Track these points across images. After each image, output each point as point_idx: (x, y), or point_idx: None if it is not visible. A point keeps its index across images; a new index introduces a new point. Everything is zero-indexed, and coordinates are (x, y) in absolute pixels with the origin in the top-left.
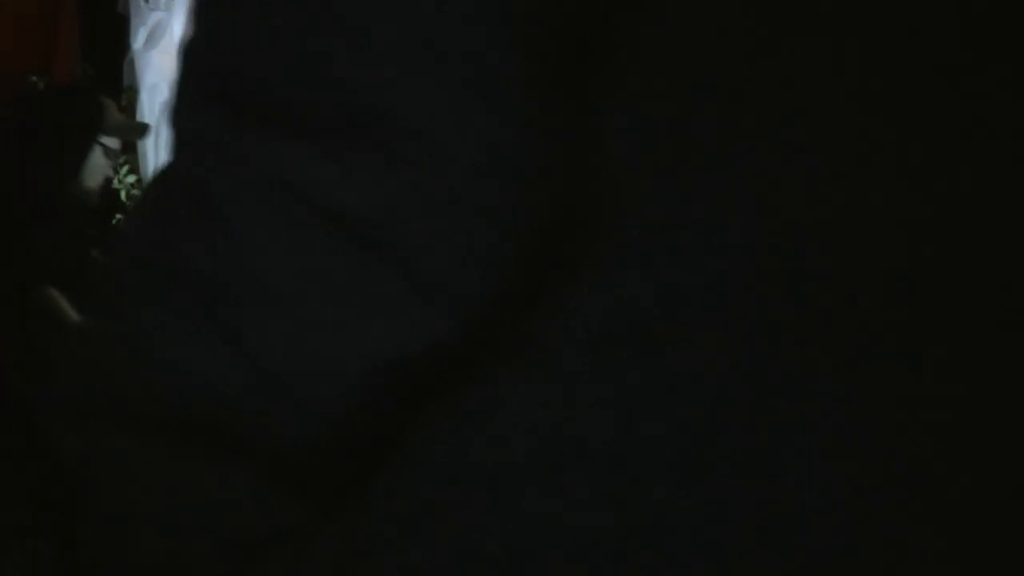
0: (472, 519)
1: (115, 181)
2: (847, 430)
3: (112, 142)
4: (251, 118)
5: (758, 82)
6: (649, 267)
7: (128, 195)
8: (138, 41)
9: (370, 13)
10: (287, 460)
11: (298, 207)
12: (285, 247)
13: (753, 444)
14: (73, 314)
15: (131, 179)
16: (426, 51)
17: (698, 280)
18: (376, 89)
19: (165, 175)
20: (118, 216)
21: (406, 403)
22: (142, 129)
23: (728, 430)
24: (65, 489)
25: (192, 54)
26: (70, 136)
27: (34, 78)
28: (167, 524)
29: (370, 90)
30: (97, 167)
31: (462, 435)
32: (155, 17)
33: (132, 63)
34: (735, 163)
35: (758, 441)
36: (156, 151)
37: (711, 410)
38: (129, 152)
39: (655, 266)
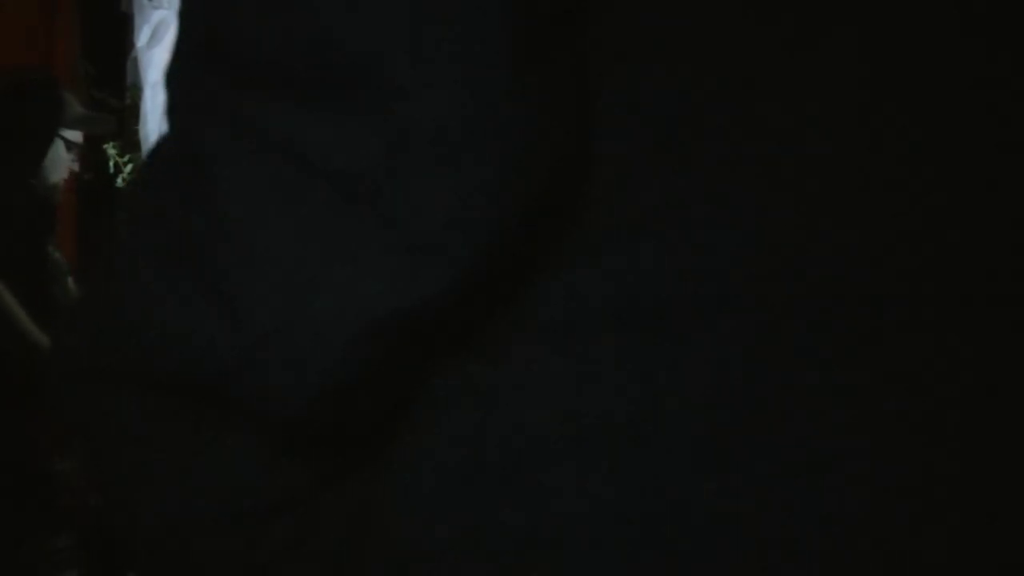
0: (493, 494)
1: (119, 180)
2: (866, 412)
3: (74, 135)
4: (240, 78)
5: (770, 63)
6: (665, 243)
7: None
8: (141, 39)
9: None
10: (286, 424)
11: (287, 165)
12: (275, 205)
13: (774, 425)
14: (21, 312)
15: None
16: (415, 7)
17: (715, 256)
18: (366, 46)
19: (161, 139)
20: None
21: (409, 364)
22: (105, 121)
23: (750, 411)
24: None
25: (185, 17)
26: (29, 132)
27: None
28: (169, 490)
29: (360, 48)
30: (59, 161)
31: (482, 411)
32: (158, 15)
33: (135, 61)
34: (749, 140)
35: (779, 422)
36: (166, 101)
37: (732, 391)
38: (133, 150)
39: (671, 242)
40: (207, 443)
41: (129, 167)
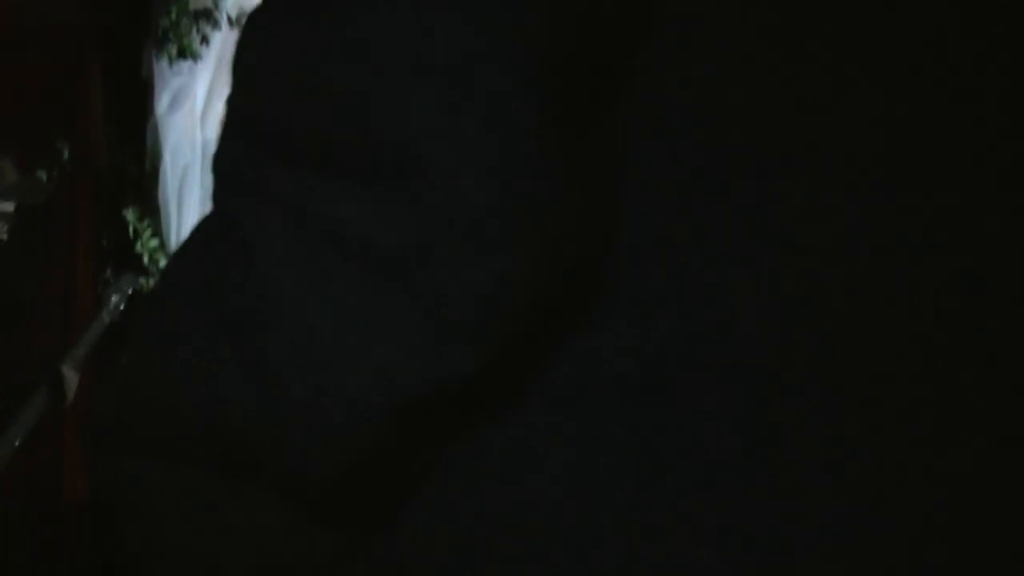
0: (499, 561)
1: (137, 245)
2: (868, 473)
3: (6, 206)
4: (281, 157)
5: (780, 135)
6: (677, 312)
7: (151, 259)
8: (161, 105)
9: (393, 56)
10: (313, 489)
11: (325, 245)
12: (310, 279)
13: (781, 491)
14: None
15: (154, 243)
16: (448, 91)
17: (727, 325)
18: (403, 133)
19: (206, 216)
20: (141, 280)
21: (429, 436)
22: (40, 189)
23: (753, 485)
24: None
25: (231, 101)
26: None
27: (58, 143)
28: (197, 553)
29: (397, 134)
30: None
31: (487, 477)
32: (178, 81)
33: (155, 127)
34: (765, 217)
35: (786, 490)
36: (179, 215)
37: (736, 462)
38: (152, 216)
39: (685, 312)
40: (235, 505)
41: (148, 232)
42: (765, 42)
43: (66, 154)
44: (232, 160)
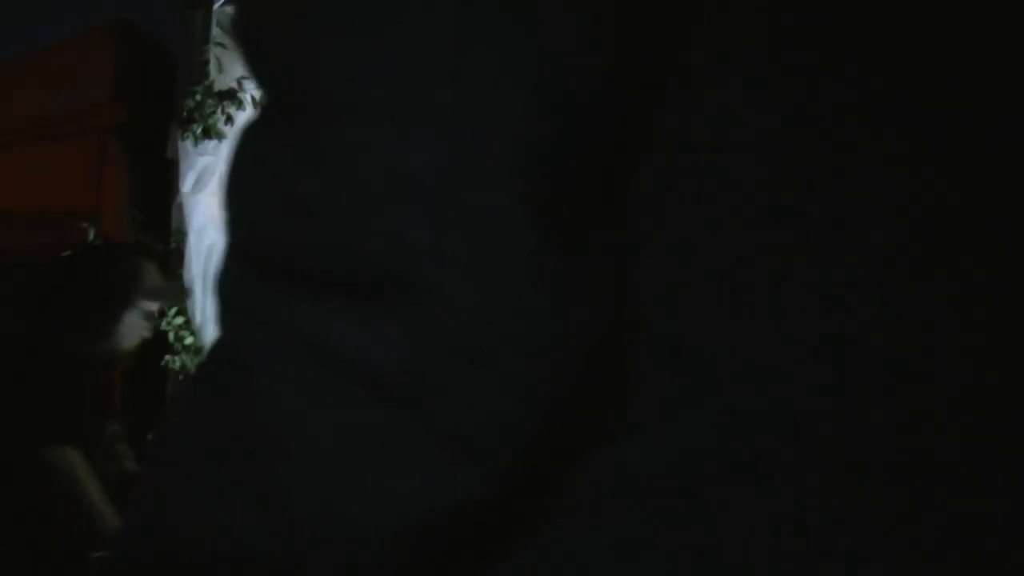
0: None
1: (163, 323)
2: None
3: (150, 305)
4: (272, 279)
5: (807, 202)
6: (701, 413)
7: (176, 336)
8: (187, 185)
9: (373, 170)
10: None
11: (322, 368)
12: (311, 408)
13: None
14: (86, 476)
15: (179, 320)
16: (435, 208)
17: (756, 420)
18: (387, 248)
19: (213, 343)
20: (167, 358)
21: (447, 563)
22: (180, 293)
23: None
24: None
25: (229, 224)
26: (103, 299)
27: (84, 224)
28: None
29: (385, 251)
30: (133, 329)
31: None
32: (203, 161)
33: (180, 206)
34: (787, 311)
35: None
36: (204, 293)
37: (773, 557)
38: None
39: (707, 413)
40: None
41: (174, 311)
42: (789, 112)
43: (92, 234)
44: (229, 281)
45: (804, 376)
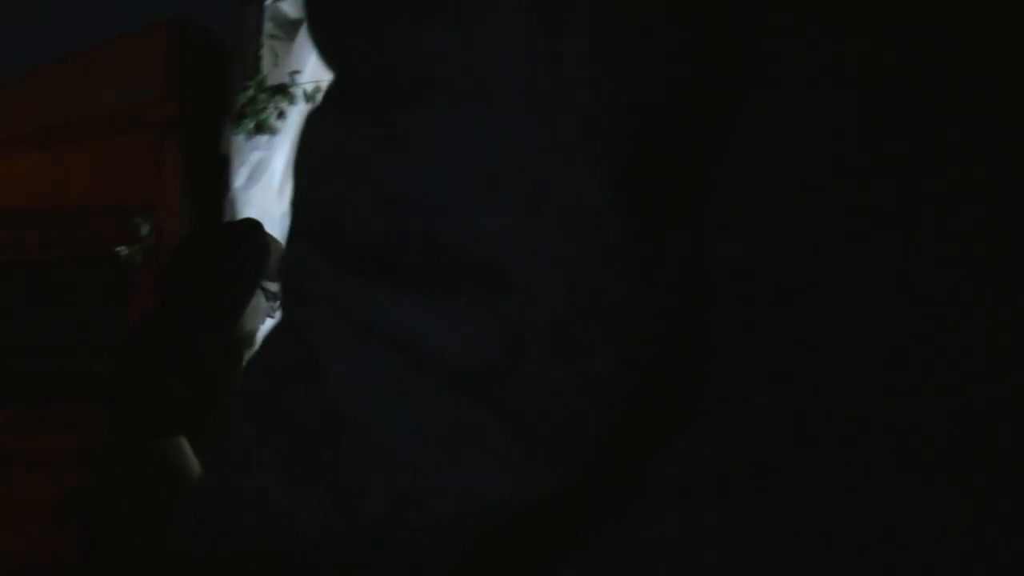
0: None
1: None
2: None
3: (273, 285)
4: (351, 268)
5: (882, 221)
6: (775, 401)
7: None
8: (239, 179)
9: (456, 157)
10: None
11: (400, 359)
12: (388, 400)
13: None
14: (197, 465)
15: None
16: (520, 196)
17: (825, 411)
18: (470, 237)
19: (275, 326)
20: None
21: (521, 554)
22: None
23: (866, 566)
24: None
25: (296, 207)
26: (235, 282)
27: (137, 218)
28: None
29: (464, 238)
30: (259, 310)
31: None
32: (256, 156)
33: (233, 201)
34: (861, 300)
35: (901, 571)
36: (280, 289)
37: (848, 543)
38: None
39: (781, 400)
40: None
41: None
42: (850, 121)
43: (146, 229)
44: (297, 267)
45: (873, 370)
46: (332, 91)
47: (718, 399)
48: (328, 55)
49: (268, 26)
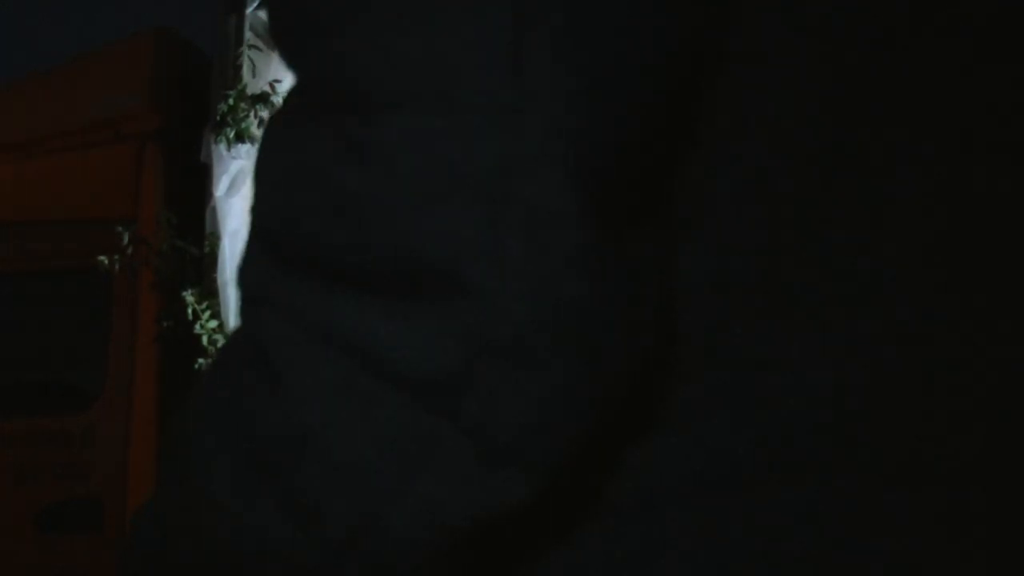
0: None
1: (197, 326)
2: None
3: None
4: (305, 272)
5: (851, 231)
6: (738, 414)
7: (210, 340)
8: (220, 188)
9: (420, 163)
10: None
11: (361, 369)
12: (348, 411)
13: None
14: None
15: (213, 324)
16: (483, 201)
17: (788, 424)
18: (443, 250)
19: (234, 334)
20: (200, 361)
21: (486, 568)
22: None
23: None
24: None
25: (256, 215)
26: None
27: (119, 228)
28: None
29: (437, 251)
30: None
31: None
32: (237, 165)
33: (215, 210)
34: (829, 311)
35: None
36: (238, 297)
37: (808, 559)
38: (211, 298)
39: (744, 413)
40: None
41: (207, 314)
42: (814, 128)
43: (127, 238)
44: (256, 274)
45: (830, 383)
46: (293, 97)
47: (680, 411)
48: (292, 63)
49: (248, 36)
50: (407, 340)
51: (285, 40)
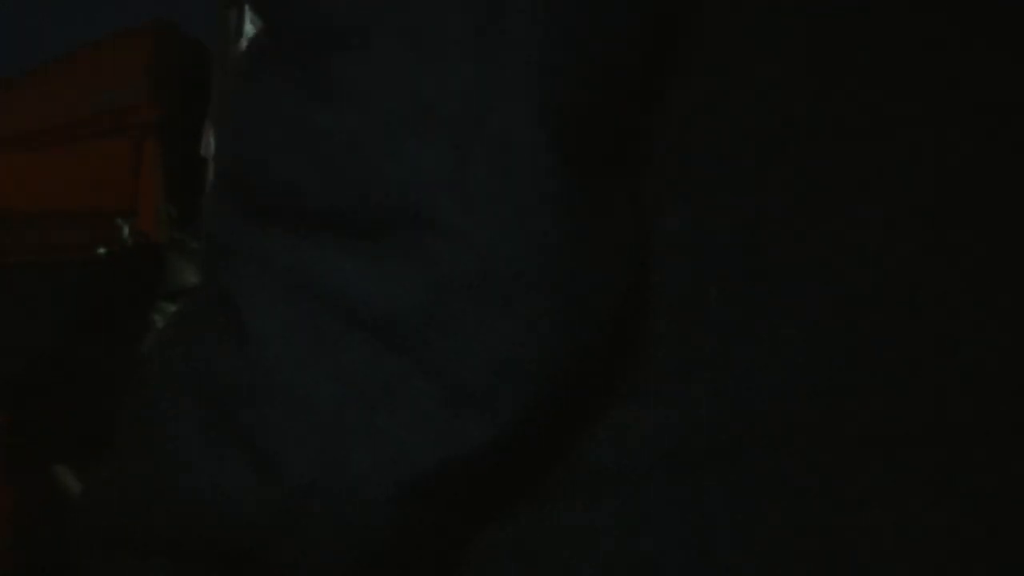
0: None
1: None
2: (931, 541)
3: (171, 307)
4: (271, 216)
5: (818, 187)
6: (716, 381)
7: None
8: None
9: (394, 101)
10: None
11: (320, 309)
12: (311, 351)
13: (830, 568)
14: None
15: None
16: (453, 135)
17: (767, 393)
18: (400, 179)
19: (197, 288)
20: None
21: (448, 523)
22: None
23: (808, 550)
24: None
25: (219, 159)
26: (134, 299)
27: (119, 221)
28: None
29: (394, 180)
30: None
31: (527, 569)
32: None
33: None
34: (808, 280)
35: (835, 566)
36: (203, 251)
37: (788, 530)
38: None
39: (723, 380)
40: None
41: None
42: (804, 85)
43: (126, 231)
44: (221, 222)
45: (822, 346)
46: (260, 42)
47: (655, 380)
48: (264, 4)
49: (248, 29)
50: (372, 279)
51: None
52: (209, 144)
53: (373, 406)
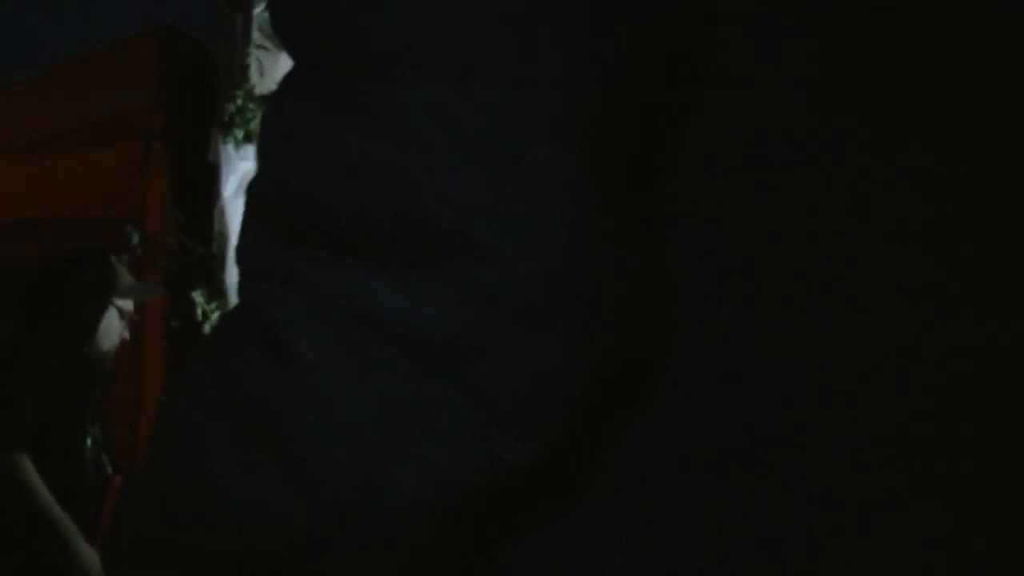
0: None
1: (206, 326)
2: (945, 546)
3: (126, 304)
4: (309, 243)
5: (828, 198)
6: (732, 390)
7: None
8: (228, 189)
9: (430, 128)
10: None
11: (359, 331)
12: (347, 373)
13: (852, 567)
14: (40, 487)
15: (218, 317)
16: (492, 163)
17: (783, 401)
18: (439, 206)
19: (231, 311)
20: None
21: (486, 534)
22: (153, 290)
23: (824, 554)
24: None
25: (253, 187)
26: (81, 301)
27: (128, 227)
28: None
29: (433, 207)
30: (112, 329)
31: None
32: (245, 166)
33: (222, 210)
34: (819, 288)
35: (857, 564)
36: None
37: (804, 536)
38: (219, 298)
39: (738, 389)
40: None
41: (216, 314)
42: (815, 99)
43: (136, 238)
44: (256, 248)
45: (836, 353)
46: (293, 76)
47: (678, 387)
48: (289, 36)
49: (256, 35)
50: (413, 302)
51: (280, 13)
52: (217, 151)
53: (414, 429)
